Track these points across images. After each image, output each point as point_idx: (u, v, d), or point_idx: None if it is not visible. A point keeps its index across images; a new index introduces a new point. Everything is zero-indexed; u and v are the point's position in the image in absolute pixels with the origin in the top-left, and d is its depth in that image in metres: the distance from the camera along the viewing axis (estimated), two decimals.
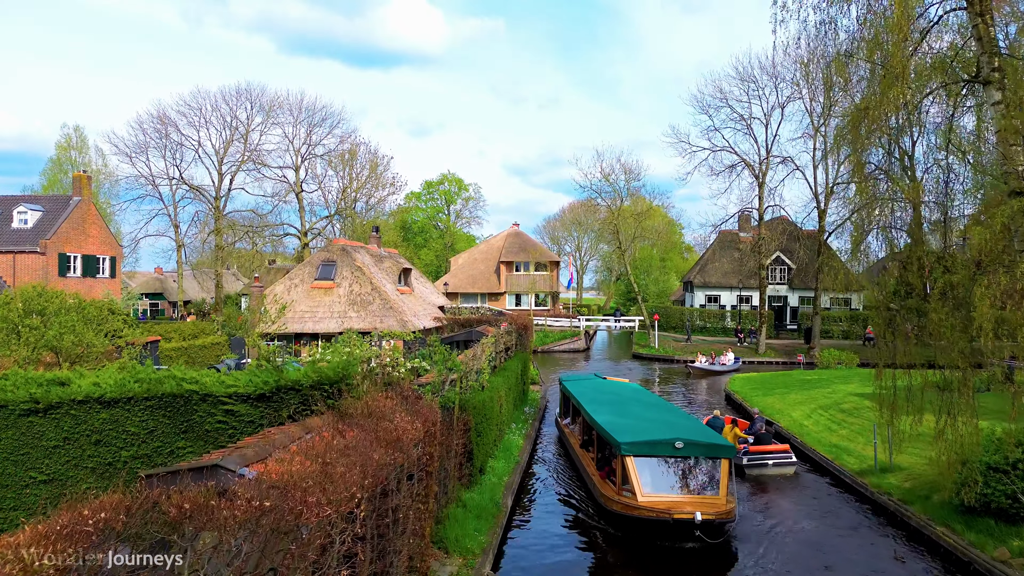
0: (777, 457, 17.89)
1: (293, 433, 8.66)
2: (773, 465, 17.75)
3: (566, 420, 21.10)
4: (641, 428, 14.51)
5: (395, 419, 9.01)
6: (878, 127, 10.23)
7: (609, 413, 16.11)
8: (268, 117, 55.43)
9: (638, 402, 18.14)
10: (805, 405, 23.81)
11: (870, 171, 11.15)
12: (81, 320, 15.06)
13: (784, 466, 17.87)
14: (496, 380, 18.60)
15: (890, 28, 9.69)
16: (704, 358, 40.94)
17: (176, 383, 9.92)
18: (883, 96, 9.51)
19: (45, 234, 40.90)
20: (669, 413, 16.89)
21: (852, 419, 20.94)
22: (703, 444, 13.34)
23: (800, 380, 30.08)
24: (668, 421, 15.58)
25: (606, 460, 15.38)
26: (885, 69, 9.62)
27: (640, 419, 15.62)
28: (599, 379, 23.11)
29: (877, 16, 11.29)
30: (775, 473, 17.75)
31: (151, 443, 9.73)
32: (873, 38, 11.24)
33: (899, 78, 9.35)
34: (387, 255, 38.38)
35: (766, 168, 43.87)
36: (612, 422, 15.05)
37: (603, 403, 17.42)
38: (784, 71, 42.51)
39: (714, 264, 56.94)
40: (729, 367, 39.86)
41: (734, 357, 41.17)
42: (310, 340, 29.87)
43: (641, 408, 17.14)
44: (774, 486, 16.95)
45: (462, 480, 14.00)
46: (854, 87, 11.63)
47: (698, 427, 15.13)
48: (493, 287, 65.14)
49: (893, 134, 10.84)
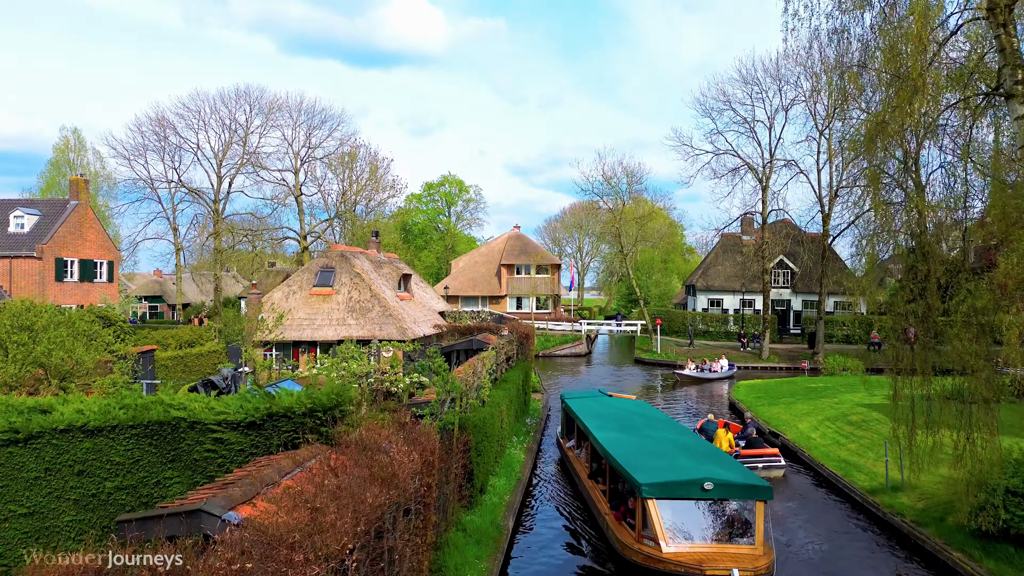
0: (767, 460, 18.83)
1: (284, 466, 8.25)
2: (763, 468, 18.48)
3: (570, 442, 19.36)
4: (662, 465, 12.56)
5: (391, 450, 8.60)
6: (895, 140, 9.82)
7: (622, 442, 14.37)
8: (267, 120, 55.04)
9: (652, 427, 16.16)
10: (812, 416, 23.37)
11: (885, 183, 10.72)
12: (71, 335, 14.67)
13: (773, 469, 18.71)
14: (497, 394, 18.20)
15: (908, 38, 9.27)
16: (693, 364, 39.53)
17: (163, 410, 9.51)
18: (901, 109, 9.09)
19: (42, 239, 40.53)
20: (690, 443, 14.73)
21: (861, 432, 20.50)
22: (736, 485, 11.53)
23: (805, 388, 29.65)
24: (691, 453, 13.60)
25: (620, 497, 13.94)
26: (904, 81, 9.21)
27: (659, 451, 13.71)
28: (604, 396, 21.00)
29: (892, 26, 10.87)
30: (764, 476, 18.17)
31: (136, 473, 9.31)
32: (889, 47, 10.82)
33: (918, 91, 8.93)
34: (386, 260, 37.97)
35: (769, 172, 43.44)
36: (628, 456, 13.28)
37: (613, 428, 15.72)
38: (788, 73, 42.10)
39: (716, 267, 56.50)
40: (722, 374, 38.66)
41: (728, 363, 39.92)
42: (308, 348, 29.47)
43: (657, 436, 15.19)
44: (781, 502, 16.53)
45: (462, 501, 13.58)
46: (870, 97, 11.21)
47: (727, 462, 13.08)
48: (494, 290, 64.72)
49: (910, 147, 10.42)
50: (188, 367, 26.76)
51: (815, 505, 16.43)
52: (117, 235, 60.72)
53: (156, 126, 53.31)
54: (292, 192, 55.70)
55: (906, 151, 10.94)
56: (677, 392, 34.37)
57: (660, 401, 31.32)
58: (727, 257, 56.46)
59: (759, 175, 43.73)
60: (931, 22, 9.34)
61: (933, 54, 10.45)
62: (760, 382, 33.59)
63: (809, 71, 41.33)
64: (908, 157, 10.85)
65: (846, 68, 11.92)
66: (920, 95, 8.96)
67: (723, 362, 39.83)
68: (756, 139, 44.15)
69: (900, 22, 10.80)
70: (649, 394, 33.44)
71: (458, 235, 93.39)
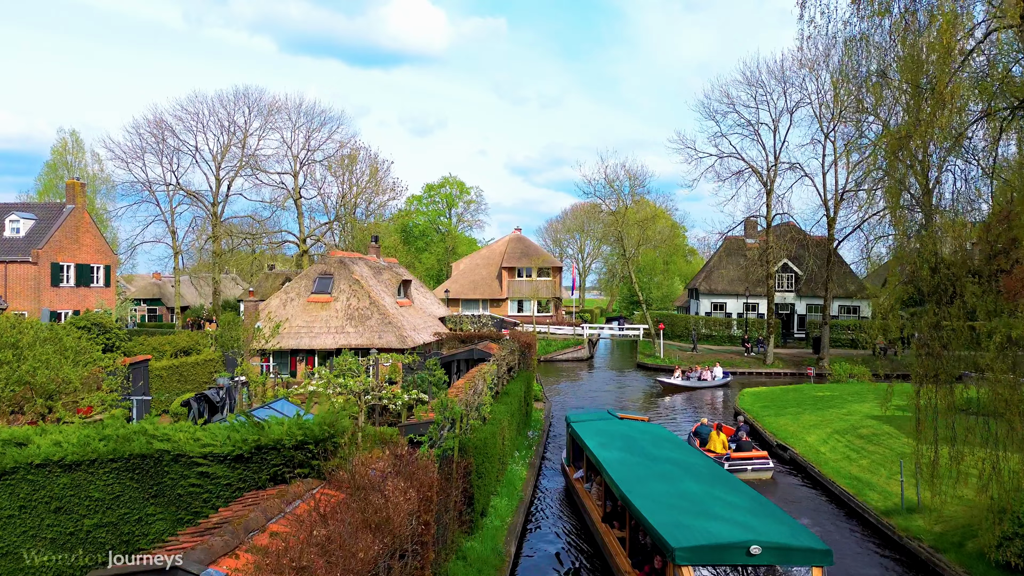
0: (755, 463, 19.55)
1: (271, 508, 7.72)
2: (752, 470, 19.32)
3: (577, 472, 17.17)
4: (698, 521, 10.43)
5: (387, 487, 8.08)
6: (920, 153, 9.32)
7: (645, 487, 11.98)
8: (266, 122, 54.55)
9: (677, 464, 13.66)
10: (820, 428, 22.84)
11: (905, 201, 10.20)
12: (57, 351, 14.17)
13: (762, 471, 19.46)
14: (499, 409, 17.68)
15: (934, 48, 8.76)
16: (680, 372, 37.46)
17: (146, 441, 8.99)
18: (928, 124, 8.57)
19: (37, 243, 40.06)
20: (727, 489, 12.10)
21: (872, 447, 19.97)
22: (789, 548, 9.66)
23: (813, 397, 29.12)
24: (730, 503, 11.30)
25: (644, 552, 12.14)
26: (929, 94, 8.70)
27: (691, 501, 11.40)
28: (614, 419, 18.29)
29: (914, 33, 10.34)
30: (753, 477, 19.12)
31: (117, 509, 8.80)
32: (910, 57, 10.29)
33: (945, 104, 8.41)
34: (386, 266, 37.46)
35: (774, 175, 42.89)
36: (655, 507, 11.00)
37: (632, 465, 13.37)
38: (793, 76, 41.53)
39: (720, 271, 55.95)
40: (714, 382, 36.93)
41: (723, 371, 38.14)
42: (306, 356, 28.98)
43: (685, 476, 12.77)
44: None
45: (462, 527, 13.07)
46: (891, 107, 10.67)
47: (776, 516, 10.87)
48: (495, 293, 64.19)
49: (932, 161, 9.90)
50: (184, 376, 26.25)
51: (828, 525, 15.89)
52: (115, 238, 60.32)
53: (154, 128, 52.88)
54: (291, 195, 55.19)
55: (926, 166, 10.41)
56: (678, 401, 33.83)
57: (663, 412, 30.81)
58: (731, 260, 55.87)
59: (763, 179, 43.19)
60: (960, 30, 8.81)
61: (958, 65, 9.92)
62: (765, 390, 33.05)
63: (814, 73, 40.85)
64: (929, 171, 10.32)
65: (864, 78, 11.39)
66: (948, 108, 8.44)
67: (717, 370, 38.07)
68: (760, 142, 43.65)
69: (922, 31, 10.28)
70: (651, 404, 32.92)
71: (459, 237, 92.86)
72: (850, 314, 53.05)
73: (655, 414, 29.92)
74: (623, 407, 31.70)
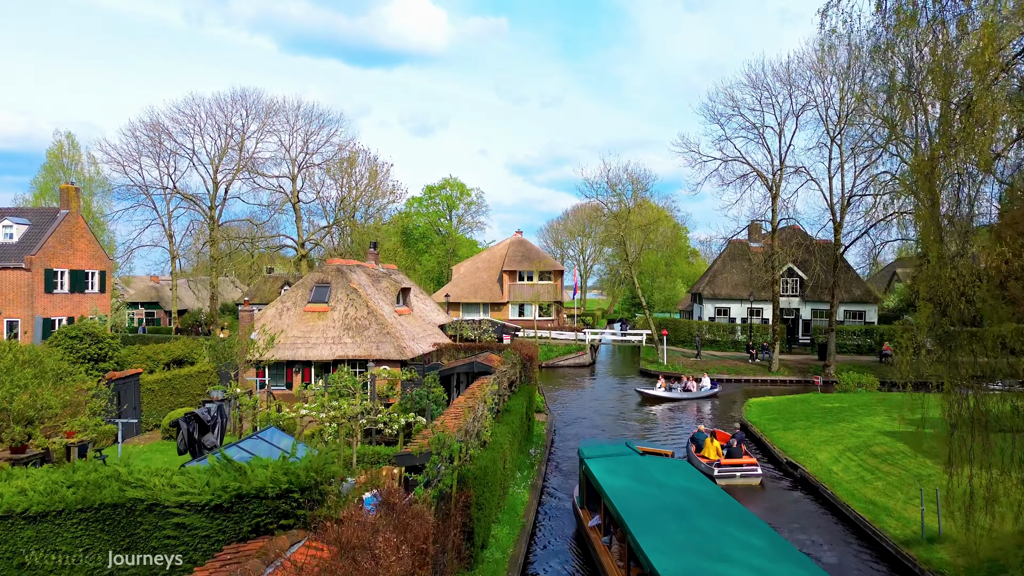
0: (744, 470, 20.34)
1: (251, 570, 7.05)
2: (741, 476, 20.22)
3: (593, 520, 15.11)
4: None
5: (377, 543, 7.40)
6: (953, 176, 8.64)
7: (684, 564, 9.67)
8: (264, 124, 53.88)
9: (716, 517, 11.50)
10: (831, 445, 22.14)
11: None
12: (37, 375, 13.49)
13: (750, 477, 20.25)
14: (500, 430, 17.01)
15: (973, 63, 8.08)
16: (663, 382, 35.77)
17: (118, 488, 8.30)
18: (965, 142, 7.90)
19: (31, 249, 39.37)
20: (781, 559, 9.91)
21: (886, 467, 19.26)
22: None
23: (821, 409, 28.41)
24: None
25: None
26: (967, 110, 8.03)
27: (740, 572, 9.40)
28: (634, 455, 15.64)
29: (945, 46, 9.64)
30: (742, 483, 20.06)
31: (87, 564, 8.11)
32: (941, 69, 9.59)
33: (984, 124, 7.73)
34: (385, 272, 36.76)
35: (779, 179, 42.14)
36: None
37: (662, 527, 11.06)
38: (799, 79, 40.78)
39: (724, 275, 55.23)
40: (700, 393, 35.47)
41: (711, 381, 36.87)
42: (303, 367, 28.31)
43: (728, 539, 10.56)
44: (794, 532, 15.33)
45: (462, 563, 12.38)
46: (921, 123, 9.98)
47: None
48: (496, 297, 63.49)
49: (966, 181, 9.20)
50: (176, 390, 25.55)
51: (845, 554, 15.20)
52: (112, 241, 59.67)
53: (150, 131, 52.22)
54: (289, 199, 54.49)
55: (957, 186, 9.71)
56: (689, 410, 33.12)
57: (663, 424, 30.08)
58: (734, 265, 55.17)
59: (768, 183, 42.46)
60: (1001, 43, 8.13)
61: (992, 79, 9.22)
62: (772, 400, 32.34)
63: (821, 77, 40.12)
64: (961, 191, 9.62)
65: (887, 89, 10.69)
66: (989, 128, 7.77)
67: (705, 380, 36.78)
68: (766, 145, 42.89)
69: (954, 42, 9.58)
70: (649, 417, 32.20)
71: (459, 239, 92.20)
72: (856, 319, 52.34)
73: (651, 427, 29.23)
74: (624, 415, 31.03)
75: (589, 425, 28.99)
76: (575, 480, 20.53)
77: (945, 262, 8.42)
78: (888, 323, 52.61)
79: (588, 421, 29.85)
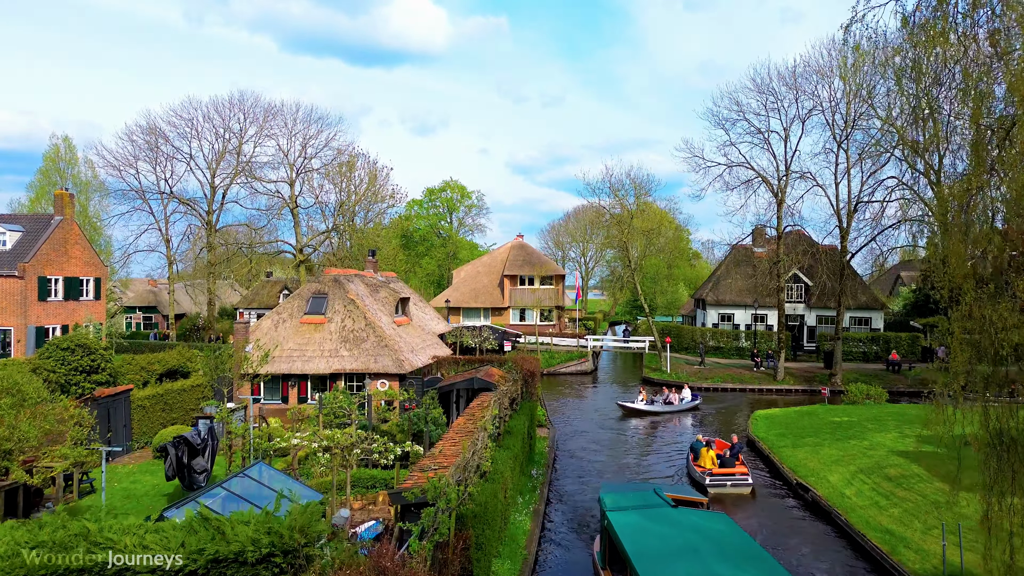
0: (735, 479, 20.93)
1: None
2: (731, 485, 20.82)
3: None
4: None
5: None
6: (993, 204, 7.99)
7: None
8: (262, 128, 53.23)
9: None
10: (843, 466, 21.45)
11: None
12: (14, 404, 12.84)
13: (741, 487, 20.85)
14: (501, 456, 16.34)
15: (1016, 88, 7.42)
16: (644, 395, 34.59)
17: (85, 551, 7.64)
18: (1012, 169, 7.23)
19: (24, 256, 38.76)
20: None
21: (902, 491, 18.57)
22: None
23: (830, 423, 27.73)
24: None
25: None
26: (1009, 141, 7.38)
27: None
28: (664, 505, 13.61)
29: (981, 66, 8.97)
30: (733, 492, 20.69)
31: None
32: (974, 90, 8.92)
33: None
34: (383, 282, 36.09)
35: (785, 185, 41.45)
36: None
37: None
38: (805, 83, 40.06)
39: (727, 281, 54.54)
40: (681, 406, 34.32)
41: (691, 393, 35.75)
42: (299, 381, 27.64)
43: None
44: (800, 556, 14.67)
45: None
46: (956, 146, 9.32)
47: None
48: (496, 302, 62.83)
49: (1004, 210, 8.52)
50: (169, 405, 24.91)
51: None
52: (109, 244, 59.03)
53: (147, 135, 51.59)
54: (287, 204, 53.83)
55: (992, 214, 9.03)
56: (693, 422, 32.44)
57: (675, 428, 29.41)
58: (738, 270, 54.48)
59: (774, 188, 41.75)
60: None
61: None
62: (779, 412, 31.65)
63: (827, 81, 39.42)
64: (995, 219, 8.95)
65: (915, 109, 10.02)
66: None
67: (685, 392, 35.62)
68: (771, 151, 42.19)
69: (990, 62, 8.90)
70: (660, 426, 31.51)
71: (460, 241, 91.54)
72: (862, 326, 51.64)
73: (649, 444, 28.54)
74: (626, 430, 30.28)
75: (591, 439, 28.33)
76: (579, 502, 19.88)
77: (983, 302, 7.75)
78: (895, 330, 51.91)
79: (590, 435, 29.19)
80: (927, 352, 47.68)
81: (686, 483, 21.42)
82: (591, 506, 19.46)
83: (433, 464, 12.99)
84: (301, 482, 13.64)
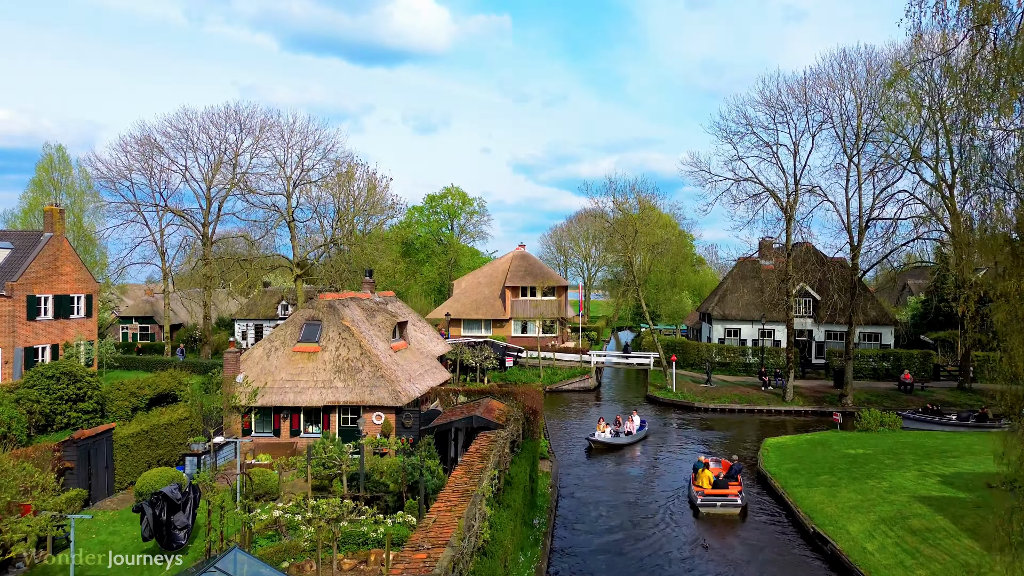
0: (724, 500, 21.78)
1: None
2: (720, 506, 21.64)
3: None
4: None
5: None
6: None
7: None
8: (258, 140, 52.17)
9: None
10: (863, 513, 20.30)
11: None
12: None
13: (730, 507, 21.64)
14: (501, 518, 15.24)
15: None
16: (608, 427, 31.94)
17: None
18: None
19: (12, 275, 37.70)
20: None
21: (928, 549, 17.43)
22: None
23: (845, 457, 26.59)
24: None
25: None
26: None
27: None
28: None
29: None
30: (723, 512, 21.46)
31: None
32: None
33: None
34: (381, 304, 34.99)
35: (794, 200, 40.26)
36: None
37: None
38: (815, 96, 38.88)
39: (734, 295, 53.39)
40: (637, 436, 32.17)
41: (640, 421, 33.20)
42: (291, 413, 26.56)
43: None
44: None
45: None
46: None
47: None
48: (498, 313, 61.72)
49: None
50: (154, 442, 23.80)
51: None
52: (104, 256, 57.98)
53: (141, 146, 50.53)
54: (284, 217, 52.75)
55: None
56: (697, 439, 31.30)
57: (679, 442, 28.24)
58: (745, 284, 53.34)
59: (783, 204, 40.58)
60: None
61: None
62: (790, 441, 30.52)
63: (838, 93, 38.25)
64: None
65: None
66: None
67: (636, 420, 33.09)
68: (780, 165, 41.02)
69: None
70: (666, 439, 30.35)
71: (461, 248, 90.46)
72: (872, 341, 50.46)
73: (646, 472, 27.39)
74: (623, 461, 29.06)
75: (596, 473, 27.24)
76: (582, 552, 18.69)
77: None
78: (906, 347, 50.69)
79: (592, 467, 28.12)
80: (938, 370, 46.51)
81: (685, 504, 22.91)
82: (594, 558, 18.38)
83: (427, 543, 11.91)
84: (283, 572, 12.53)
